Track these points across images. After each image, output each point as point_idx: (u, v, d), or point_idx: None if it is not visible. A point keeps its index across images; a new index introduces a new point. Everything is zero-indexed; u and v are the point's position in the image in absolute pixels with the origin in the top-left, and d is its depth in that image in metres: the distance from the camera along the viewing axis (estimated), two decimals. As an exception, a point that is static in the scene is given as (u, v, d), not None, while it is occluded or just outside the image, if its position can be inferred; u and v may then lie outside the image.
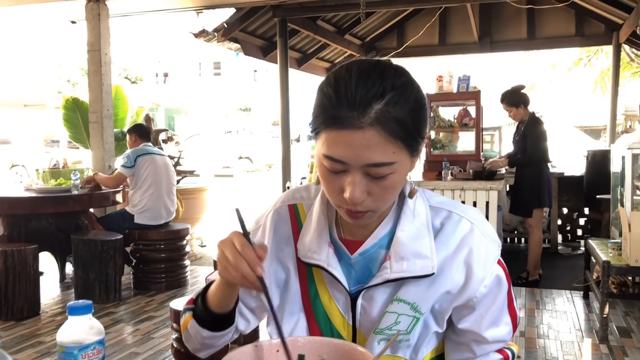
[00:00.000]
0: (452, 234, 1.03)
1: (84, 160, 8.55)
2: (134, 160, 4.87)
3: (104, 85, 5.52)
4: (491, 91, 6.84)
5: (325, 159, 0.93)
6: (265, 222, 1.15)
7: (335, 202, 0.98)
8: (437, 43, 8.44)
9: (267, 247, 0.98)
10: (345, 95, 0.89)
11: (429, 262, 1.00)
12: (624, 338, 3.66)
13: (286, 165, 6.61)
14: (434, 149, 6.11)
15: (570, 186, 6.35)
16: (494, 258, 1.04)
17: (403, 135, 0.90)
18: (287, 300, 1.11)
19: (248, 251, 0.93)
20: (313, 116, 0.96)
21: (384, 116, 0.88)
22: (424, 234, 1.03)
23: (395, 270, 1.00)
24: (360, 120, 0.88)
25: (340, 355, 0.96)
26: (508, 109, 4.94)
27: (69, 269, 5.12)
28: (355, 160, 0.90)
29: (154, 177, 4.91)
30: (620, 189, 4.48)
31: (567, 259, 5.93)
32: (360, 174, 0.92)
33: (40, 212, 4.68)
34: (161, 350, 3.50)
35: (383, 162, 0.90)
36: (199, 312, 1.08)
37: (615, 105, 7.77)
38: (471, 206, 1.10)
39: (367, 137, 0.88)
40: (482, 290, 1.02)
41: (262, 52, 7.45)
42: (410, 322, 1.03)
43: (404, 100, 0.90)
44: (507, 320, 1.07)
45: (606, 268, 3.63)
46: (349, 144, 0.89)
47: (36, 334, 3.80)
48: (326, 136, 0.92)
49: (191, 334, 1.12)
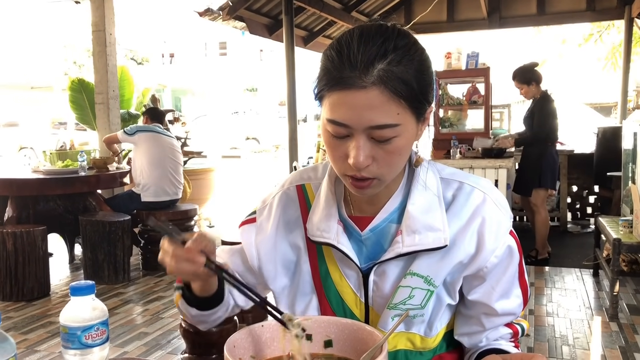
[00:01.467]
0: (465, 204, 1.02)
1: (90, 142, 8.57)
2: (134, 131, 4.91)
3: (109, 66, 5.49)
4: (500, 68, 6.76)
5: (329, 123, 0.91)
6: (272, 203, 1.13)
7: (340, 170, 0.97)
8: (446, 19, 8.32)
9: (202, 235, 0.97)
10: (347, 57, 0.88)
11: (441, 234, 0.98)
12: (634, 316, 3.64)
13: (293, 145, 6.58)
14: (442, 127, 6.06)
15: (580, 164, 6.28)
16: (506, 229, 1.03)
17: (407, 96, 0.88)
18: (298, 281, 1.10)
19: (178, 250, 0.94)
20: (317, 80, 0.94)
21: (387, 75, 0.87)
22: (435, 206, 1.01)
23: (408, 244, 0.99)
24: (362, 79, 0.86)
25: (348, 335, 0.94)
26: (519, 87, 4.87)
27: (78, 250, 5.14)
28: (358, 122, 0.89)
29: (157, 156, 4.88)
30: (631, 165, 4.43)
31: (576, 237, 5.89)
32: (364, 137, 0.90)
33: (48, 193, 4.69)
34: (170, 330, 3.51)
35: (387, 123, 0.88)
36: (185, 293, 1.09)
37: (627, 82, 7.66)
38: (483, 177, 1.08)
39: (370, 97, 0.87)
40: (493, 260, 1.01)
41: (267, 30, 7.37)
42: (424, 296, 1.01)
43: (408, 61, 0.89)
44: (518, 293, 1.06)
45: (617, 245, 3.60)
46: (352, 105, 0.88)
47: (47, 314, 3.83)
48: (329, 99, 0.90)
49: (182, 310, 1.13)
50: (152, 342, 3.35)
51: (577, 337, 3.32)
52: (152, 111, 5.35)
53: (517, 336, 1.11)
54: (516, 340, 1.11)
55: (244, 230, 1.14)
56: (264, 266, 1.11)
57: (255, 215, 1.14)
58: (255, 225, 1.13)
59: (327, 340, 0.95)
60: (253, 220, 1.14)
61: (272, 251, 1.10)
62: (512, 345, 1.09)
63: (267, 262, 1.10)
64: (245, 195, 8.18)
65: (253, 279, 1.16)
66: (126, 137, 4.93)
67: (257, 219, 1.13)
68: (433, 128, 6.06)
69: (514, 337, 1.11)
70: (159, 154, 4.91)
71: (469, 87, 6.04)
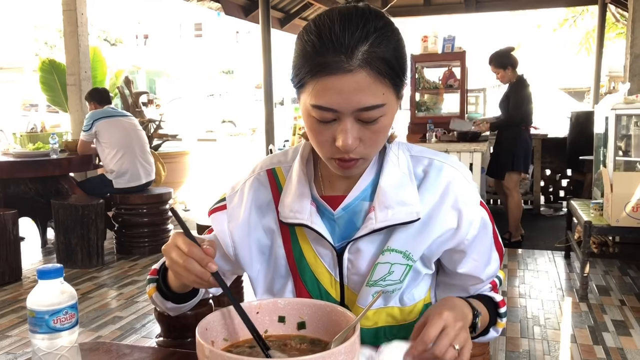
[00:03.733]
0: (437, 180, 1.04)
1: (62, 124, 8.40)
2: (90, 124, 4.69)
3: (80, 46, 5.37)
4: (476, 52, 6.78)
5: (314, 109, 0.90)
6: (243, 189, 1.12)
7: (327, 154, 0.96)
8: (422, 3, 8.29)
9: (215, 243, 0.98)
10: (330, 40, 0.87)
11: (413, 208, 1.00)
12: (603, 296, 3.73)
13: (269, 128, 6.54)
14: (418, 111, 6.07)
15: (553, 148, 6.37)
16: (477, 200, 1.06)
17: (391, 75, 0.90)
18: (274, 264, 1.10)
19: (196, 250, 0.92)
20: (295, 68, 0.93)
21: (371, 57, 0.87)
22: (407, 182, 1.02)
23: (380, 220, 0.99)
24: (349, 63, 0.86)
25: (321, 316, 0.94)
26: (496, 71, 4.90)
27: (51, 234, 5.06)
28: (346, 106, 0.89)
29: (122, 140, 4.75)
30: (603, 149, 4.50)
31: (549, 220, 5.99)
32: (352, 119, 0.90)
33: (18, 176, 4.60)
34: (145, 314, 3.49)
35: (375, 104, 0.89)
36: (161, 287, 1.09)
37: (600, 67, 7.76)
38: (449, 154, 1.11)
39: (357, 80, 0.87)
40: (473, 232, 1.04)
41: (243, 11, 7.28)
42: (403, 271, 1.03)
43: (387, 41, 0.90)
44: (496, 257, 1.12)
45: (588, 228, 3.66)
46: (339, 89, 0.88)
47: (18, 299, 3.77)
48: (314, 85, 0.89)
49: (157, 302, 1.13)
50: (126, 326, 3.32)
51: (548, 318, 3.39)
52: (95, 94, 4.99)
53: (496, 288, 1.18)
54: (495, 289, 1.18)
55: (215, 218, 1.13)
56: (240, 252, 1.10)
57: (225, 202, 1.13)
58: (226, 213, 1.11)
59: (301, 322, 0.95)
60: (223, 207, 1.12)
61: (246, 237, 1.09)
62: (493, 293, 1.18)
63: (242, 248, 1.10)
64: (221, 179, 8.13)
65: (228, 266, 1.16)
66: (88, 135, 4.72)
67: (227, 205, 1.12)
68: (409, 111, 6.08)
69: (493, 289, 1.17)
70: (123, 138, 4.76)
71: (445, 71, 6.06)
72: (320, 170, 1.08)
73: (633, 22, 4.69)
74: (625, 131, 4.21)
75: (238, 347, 0.92)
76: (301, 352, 0.91)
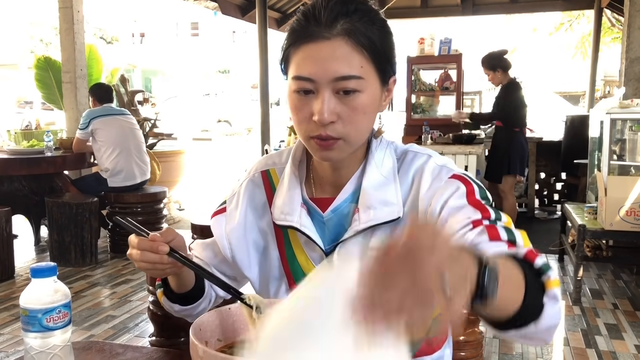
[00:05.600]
0: (408, 168, 1.04)
1: (57, 122, 8.37)
2: (87, 123, 4.66)
3: (77, 44, 5.35)
4: (473, 55, 6.79)
5: (295, 81, 0.94)
6: (240, 191, 1.13)
7: (305, 133, 0.97)
8: (419, 5, 8.32)
9: (170, 231, 1.00)
10: (312, 15, 0.93)
11: (395, 207, 1.00)
12: (596, 300, 3.74)
13: (265, 128, 6.52)
14: (414, 113, 6.08)
15: (548, 151, 6.39)
16: (446, 174, 0.99)
17: (370, 49, 0.92)
18: (269, 266, 1.11)
19: (144, 242, 0.95)
20: (283, 49, 0.98)
21: (351, 28, 0.92)
22: (390, 181, 1.02)
23: (364, 220, 1.00)
24: (328, 32, 0.91)
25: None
26: (487, 73, 4.93)
27: (44, 232, 5.04)
28: (323, 74, 0.91)
29: (118, 139, 4.72)
30: (597, 153, 4.51)
31: (543, 223, 6.01)
32: (329, 91, 0.92)
33: (12, 173, 4.58)
34: (138, 314, 3.48)
35: (350, 74, 0.91)
36: (166, 290, 1.11)
37: (595, 71, 7.79)
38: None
39: (334, 47, 0.91)
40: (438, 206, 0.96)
41: (240, 11, 7.27)
42: None
43: (369, 20, 0.94)
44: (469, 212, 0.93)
45: (581, 231, 3.67)
46: (317, 58, 0.91)
47: (10, 297, 3.76)
48: (295, 57, 0.94)
49: (167, 307, 1.14)
50: (119, 325, 3.31)
51: (541, 321, 3.39)
52: (96, 90, 4.95)
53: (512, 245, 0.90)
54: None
55: (215, 221, 1.14)
56: (237, 255, 1.11)
57: (225, 205, 1.15)
58: (225, 215, 1.13)
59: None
60: (223, 210, 1.14)
61: (242, 239, 1.10)
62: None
63: (239, 250, 1.10)
64: (216, 179, 8.12)
65: (229, 270, 1.16)
66: (84, 133, 4.69)
67: (226, 208, 1.14)
68: (405, 113, 6.08)
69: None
70: (119, 137, 4.73)
71: (442, 73, 6.07)
72: (312, 172, 1.09)
73: (629, 26, 4.71)
74: (619, 135, 4.23)
75: (232, 348, 0.92)
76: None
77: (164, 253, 0.94)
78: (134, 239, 0.97)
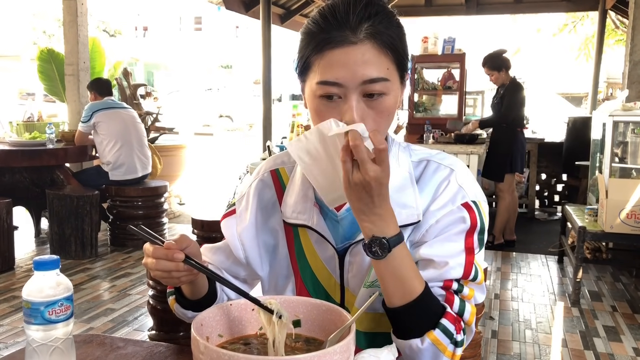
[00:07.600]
0: (430, 180, 1.03)
1: (59, 114, 8.37)
2: (89, 116, 4.67)
3: (80, 36, 5.35)
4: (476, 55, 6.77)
5: (320, 86, 0.92)
6: (249, 192, 1.14)
7: None
8: (424, 3, 8.29)
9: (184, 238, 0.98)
10: (335, 18, 0.91)
11: (414, 210, 1.00)
12: (595, 302, 3.74)
13: (267, 124, 6.52)
14: (416, 112, 6.07)
15: (549, 152, 6.38)
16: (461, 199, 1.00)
17: (394, 50, 0.93)
18: (277, 264, 1.11)
19: (158, 251, 0.94)
20: (300, 51, 0.96)
21: (375, 31, 0.91)
22: (407, 184, 1.02)
23: None
24: (354, 36, 0.90)
25: (317, 315, 0.94)
26: (489, 73, 4.92)
27: (45, 224, 5.04)
28: (351, 78, 0.90)
29: (120, 132, 4.73)
30: (599, 155, 4.51)
31: (543, 224, 6.01)
32: (357, 96, 0.92)
33: (13, 165, 4.58)
34: (137, 307, 3.48)
35: (379, 76, 0.91)
36: (178, 297, 1.10)
37: (598, 73, 7.77)
38: (451, 155, 1.09)
39: (362, 51, 0.90)
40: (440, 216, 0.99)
41: (244, 6, 7.25)
42: None
43: (389, 22, 0.94)
44: (461, 261, 0.98)
45: (582, 233, 3.68)
46: (344, 62, 0.90)
47: (10, 288, 3.76)
48: (319, 62, 0.92)
49: (179, 314, 1.14)
50: (118, 318, 3.32)
51: (540, 322, 3.40)
52: (96, 84, 4.96)
53: (452, 298, 0.97)
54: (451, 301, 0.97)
55: (226, 223, 1.15)
56: (250, 254, 1.11)
57: (235, 206, 1.15)
58: (235, 217, 1.14)
59: (296, 320, 0.95)
60: (233, 212, 1.15)
61: (254, 239, 1.11)
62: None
63: (251, 250, 1.11)
64: (217, 174, 8.11)
65: (243, 272, 1.16)
66: (87, 126, 4.70)
67: (236, 209, 1.14)
68: (407, 112, 6.07)
69: (446, 300, 0.97)
70: (121, 130, 4.74)
71: (444, 72, 6.06)
72: None
73: (633, 29, 4.70)
74: (622, 138, 4.22)
75: (233, 344, 0.92)
76: (295, 349, 0.91)
77: (179, 261, 0.92)
78: (149, 247, 0.95)
